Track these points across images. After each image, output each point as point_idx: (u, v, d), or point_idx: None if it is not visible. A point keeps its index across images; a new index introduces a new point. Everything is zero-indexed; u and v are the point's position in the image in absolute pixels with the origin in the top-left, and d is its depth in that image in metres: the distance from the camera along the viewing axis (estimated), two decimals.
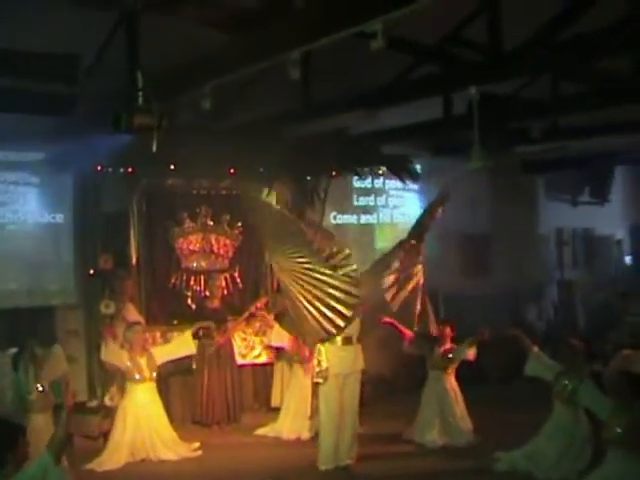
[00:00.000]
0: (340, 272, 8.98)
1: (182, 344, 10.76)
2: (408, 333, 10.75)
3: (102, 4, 7.12)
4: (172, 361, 10.68)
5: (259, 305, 11.87)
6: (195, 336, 11.04)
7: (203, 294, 11.98)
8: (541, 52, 7.59)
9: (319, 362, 9.24)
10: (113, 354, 10.09)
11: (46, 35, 8.10)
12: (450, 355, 10.55)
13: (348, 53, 8.21)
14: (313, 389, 10.34)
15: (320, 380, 9.24)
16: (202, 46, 7.66)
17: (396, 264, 10.22)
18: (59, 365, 9.63)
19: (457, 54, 8.63)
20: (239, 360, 12.02)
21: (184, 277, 12.10)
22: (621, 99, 9.26)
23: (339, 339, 9.26)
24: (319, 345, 9.33)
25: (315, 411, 10.25)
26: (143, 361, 10.10)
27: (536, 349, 9.49)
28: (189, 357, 11.17)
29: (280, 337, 11.54)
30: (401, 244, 10.42)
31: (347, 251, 9.24)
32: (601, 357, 10.70)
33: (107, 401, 10.52)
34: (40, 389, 9.03)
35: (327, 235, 9.58)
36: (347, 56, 8.52)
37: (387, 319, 10.49)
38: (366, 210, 14.15)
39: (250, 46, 7.04)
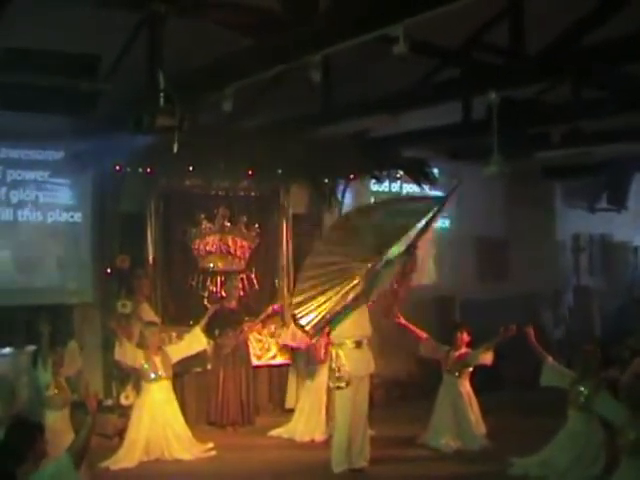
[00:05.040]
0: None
1: (194, 340, 10.78)
2: (423, 336, 10.76)
3: (126, 5, 7.14)
4: (188, 359, 10.72)
5: (276, 307, 11.90)
6: (210, 335, 11.09)
7: (219, 295, 11.99)
8: (563, 57, 7.58)
9: (340, 367, 9.21)
10: (126, 353, 10.11)
11: (68, 35, 8.14)
12: (465, 360, 10.54)
13: (369, 56, 8.24)
14: (329, 393, 10.35)
15: (342, 384, 9.20)
16: (224, 48, 7.69)
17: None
18: (74, 362, 9.68)
19: (479, 58, 8.62)
20: (254, 361, 12.05)
21: (201, 278, 12.13)
22: None
23: (350, 343, 9.28)
24: (337, 349, 9.33)
25: (332, 415, 10.27)
26: (158, 360, 10.13)
27: (550, 359, 9.46)
28: (204, 356, 11.21)
29: (293, 337, 11.55)
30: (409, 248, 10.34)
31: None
32: (618, 364, 10.67)
33: (123, 400, 10.56)
34: (59, 386, 9.10)
35: None
36: (367, 59, 8.54)
37: (402, 321, 10.52)
38: None
39: (272, 49, 7.05)
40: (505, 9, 7.74)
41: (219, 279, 12.13)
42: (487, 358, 10.49)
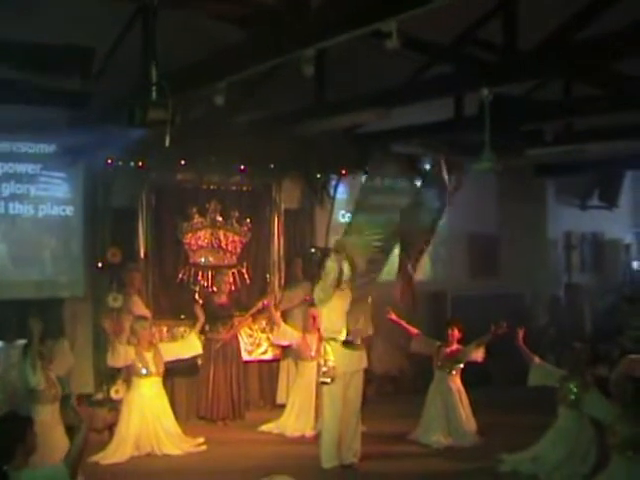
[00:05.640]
0: None
1: (188, 345, 10.77)
2: (414, 331, 10.77)
3: None
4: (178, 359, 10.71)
5: (266, 302, 11.87)
6: (201, 331, 11.07)
7: (210, 289, 11.98)
8: (556, 54, 7.57)
9: (326, 361, 9.23)
10: (119, 358, 10.06)
11: (61, 28, 8.12)
12: (456, 356, 10.54)
13: (361, 52, 8.22)
14: (317, 388, 10.36)
15: (327, 380, 9.21)
16: (217, 42, 7.67)
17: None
18: (66, 360, 9.65)
19: (471, 54, 8.62)
20: (245, 356, 12.06)
21: (192, 272, 12.10)
22: (635, 102, 9.23)
23: (342, 338, 9.28)
24: (325, 344, 9.34)
25: (320, 410, 10.29)
26: (149, 356, 10.10)
27: (537, 359, 9.49)
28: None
29: (285, 335, 11.54)
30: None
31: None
32: (607, 361, 10.69)
33: (113, 394, 10.54)
34: (49, 381, 9.06)
35: None
36: (360, 55, 8.53)
37: (393, 317, 10.54)
38: None
39: (265, 42, 7.03)
40: (498, 5, 7.74)
41: (210, 273, 12.11)
42: (478, 355, 10.51)
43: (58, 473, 5.56)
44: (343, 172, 12.93)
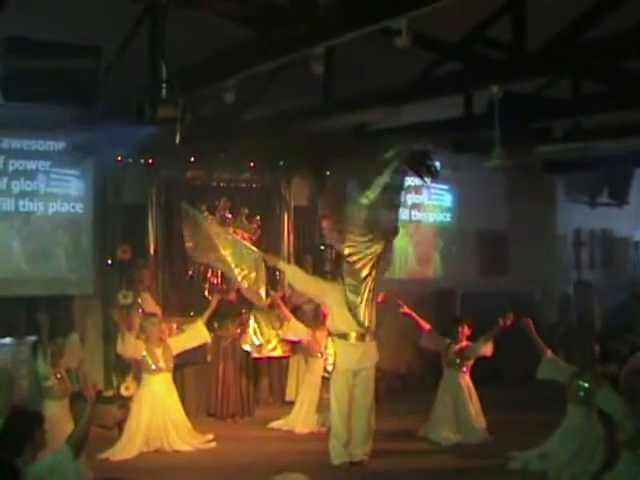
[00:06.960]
0: None
1: (196, 333, 10.75)
2: (426, 327, 10.77)
3: None
4: (188, 352, 10.71)
5: (269, 302, 11.83)
6: (209, 327, 11.09)
7: (220, 286, 11.99)
8: (564, 52, 7.57)
9: (326, 357, 9.31)
10: (129, 347, 10.10)
11: (70, 26, 8.13)
12: (466, 353, 10.54)
13: (370, 49, 8.22)
14: (323, 384, 10.39)
15: (326, 375, 9.31)
16: (226, 40, 7.68)
17: None
18: (75, 354, 9.70)
19: (480, 52, 8.61)
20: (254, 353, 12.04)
21: (201, 269, 12.13)
22: None
23: (353, 335, 9.29)
24: (330, 340, 9.38)
25: (325, 405, 10.31)
26: (159, 352, 10.14)
27: (549, 352, 9.47)
28: (204, 348, 11.20)
29: (295, 331, 11.52)
30: None
31: None
32: (617, 359, 10.67)
33: (123, 391, 10.60)
34: (59, 376, 9.11)
35: None
36: (369, 52, 8.53)
37: (406, 310, 10.57)
38: None
39: (274, 40, 7.05)
40: (506, 4, 7.73)
41: (219, 270, 12.11)
42: (487, 349, 10.50)
43: (61, 457, 5.60)
44: None
